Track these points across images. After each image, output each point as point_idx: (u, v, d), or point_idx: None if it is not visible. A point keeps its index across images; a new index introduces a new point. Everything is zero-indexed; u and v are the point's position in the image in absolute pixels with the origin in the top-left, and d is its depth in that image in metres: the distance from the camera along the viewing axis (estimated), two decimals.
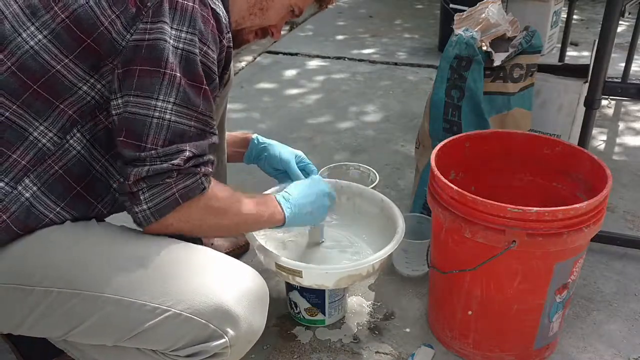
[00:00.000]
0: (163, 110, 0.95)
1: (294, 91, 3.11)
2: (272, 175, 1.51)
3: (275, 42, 3.64)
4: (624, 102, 2.90)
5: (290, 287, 1.45)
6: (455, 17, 1.75)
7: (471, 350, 1.37)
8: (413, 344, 1.44)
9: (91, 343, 1.05)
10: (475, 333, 1.35)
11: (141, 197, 0.97)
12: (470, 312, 1.32)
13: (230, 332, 0.99)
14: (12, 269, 0.98)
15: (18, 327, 1.02)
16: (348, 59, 3.62)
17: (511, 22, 1.73)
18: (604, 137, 2.56)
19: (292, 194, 1.26)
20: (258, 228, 1.27)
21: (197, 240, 1.63)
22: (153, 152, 0.96)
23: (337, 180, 1.60)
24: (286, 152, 1.47)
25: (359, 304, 1.57)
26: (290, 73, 3.37)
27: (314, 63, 3.55)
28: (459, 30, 1.64)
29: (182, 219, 1.03)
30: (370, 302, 1.58)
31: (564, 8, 2.77)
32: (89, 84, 0.98)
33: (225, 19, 1.03)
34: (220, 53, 1.03)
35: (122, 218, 1.09)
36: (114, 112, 0.98)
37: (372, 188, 1.71)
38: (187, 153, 0.98)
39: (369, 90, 3.12)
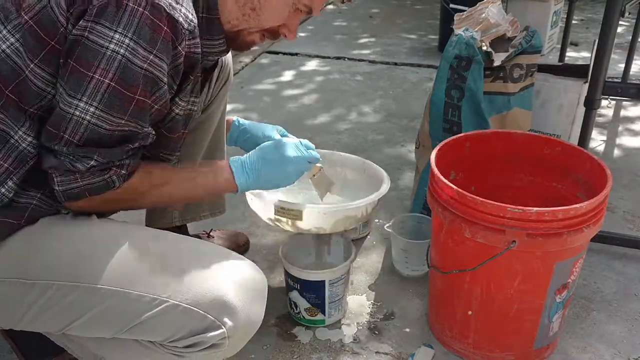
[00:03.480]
0: (84, 111, 0.95)
1: (293, 91, 3.11)
2: None
3: (275, 42, 3.64)
4: (623, 103, 2.90)
5: (290, 287, 1.45)
6: (455, 17, 1.76)
7: (471, 350, 1.37)
8: (413, 344, 1.44)
9: (90, 336, 1.06)
10: (475, 333, 1.35)
11: (54, 179, 0.99)
12: (470, 312, 1.32)
13: (229, 322, 0.99)
14: (13, 263, 0.99)
15: (19, 321, 1.03)
16: (348, 59, 3.62)
17: (511, 22, 1.73)
18: (604, 137, 2.56)
19: (252, 160, 1.20)
20: (206, 197, 1.24)
21: (196, 237, 1.64)
22: (64, 148, 0.96)
23: (320, 150, 1.60)
24: (268, 129, 1.46)
25: (359, 304, 1.57)
26: (290, 73, 3.37)
27: (313, 63, 3.55)
28: (459, 30, 1.64)
29: (94, 204, 1.03)
30: (370, 302, 1.58)
31: (564, 8, 2.77)
32: (56, 88, 0.98)
33: (189, 24, 0.99)
34: (174, 60, 0.99)
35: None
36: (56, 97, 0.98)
37: None
38: (92, 162, 0.98)
39: (368, 90, 3.12)
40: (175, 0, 0.96)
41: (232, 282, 1.02)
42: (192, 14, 1.00)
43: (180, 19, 0.97)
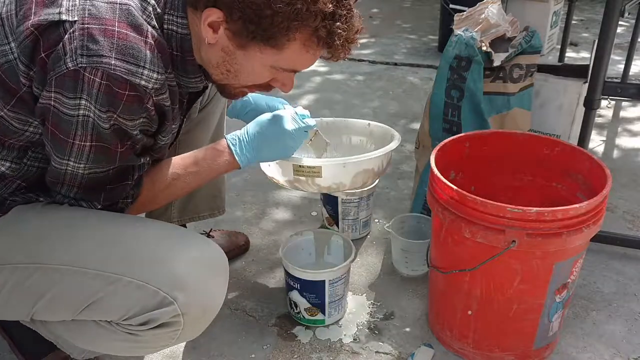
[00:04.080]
0: (76, 167, 1.00)
1: (293, 91, 3.08)
2: None
3: None
4: (623, 103, 2.90)
5: (290, 287, 1.45)
6: (455, 17, 1.76)
7: (471, 350, 1.37)
8: (413, 343, 1.44)
9: (53, 319, 1.08)
10: (475, 333, 1.35)
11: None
12: (470, 312, 1.32)
13: (180, 298, 0.98)
14: None
15: None
16: (348, 59, 3.61)
17: (511, 22, 1.73)
18: (604, 137, 2.56)
19: (249, 137, 1.20)
20: (207, 181, 1.24)
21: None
22: (70, 193, 1.04)
23: (322, 118, 1.61)
24: (272, 100, 1.44)
25: (359, 304, 1.57)
26: None
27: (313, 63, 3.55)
28: (459, 31, 1.64)
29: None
30: (370, 302, 1.58)
31: (563, 8, 2.77)
32: (33, 125, 1.01)
33: (153, 84, 0.96)
34: (145, 113, 0.99)
35: None
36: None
37: (371, 187, 1.71)
38: (98, 205, 1.07)
39: (368, 90, 3.12)
40: (135, 65, 0.93)
41: (187, 258, 1.02)
42: (157, 72, 0.96)
43: (143, 82, 0.94)
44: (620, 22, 1.67)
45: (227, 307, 1.54)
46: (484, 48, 1.60)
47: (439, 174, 1.26)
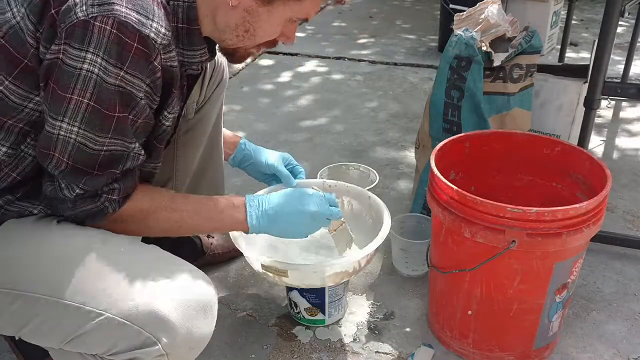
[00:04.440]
0: (69, 131, 0.96)
1: (293, 91, 3.11)
2: (261, 180, 1.52)
3: None
4: (623, 103, 2.90)
5: (290, 287, 1.45)
6: (455, 17, 1.76)
7: (471, 350, 1.37)
8: (413, 343, 1.44)
9: (40, 345, 1.05)
10: (475, 333, 1.35)
11: (58, 207, 1.04)
12: (470, 312, 1.32)
13: (164, 339, 0.96)
14: None
15: None
16: (348, 59, 3.62)
17: (511, 22, 1.73)
18: (604, 137, 2.56)
19: (270, 204, 1.20)
20: (214, 231, 1.23)
21: (197, 237, 1.64)
22: (56, 171, 0.99)
23: (325, 180, 1.59)
24: (272, 157, 1.47)
25: (359, 304, 1.57)
26: (289, 73, 3.37)
27: (313, 63, 3.55)
28: (458, 31, 1.64)
29: (104, 227, 1.06)
30: (370, 302, 1.58)
31: (563, 8, 2.77)
32: (34, 102, 0.99)
33: (162, 39, 0.97)
34: (151, 74, 0.98)
35: None
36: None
37: (371, 188, 1.71)
38: (78, 190, 1.00)
39: (368, 90, 3.12)
40: (145, 16, 0.94)
41: (172, 297, 0.98)
42: (165, 28, 0.97)
43: (152, 35, 0.95)
44: (620, 22, 1.67)
45: (227, 307, 1.54)
46: (484, 48, 1.60)
47: (439, 174, 1.26)
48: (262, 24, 1.09)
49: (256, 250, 1.40)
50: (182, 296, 0.99)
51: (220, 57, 1.42)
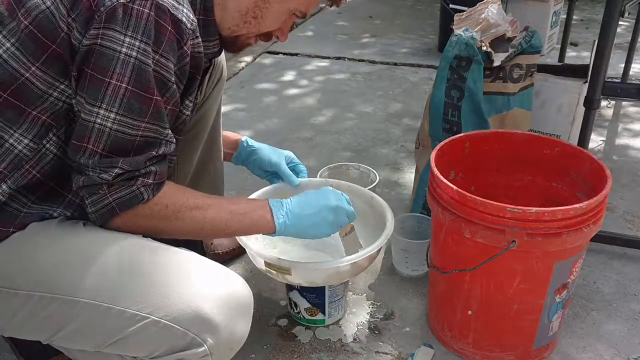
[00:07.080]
0: (105, 118, 0.95)
1: (294, 91, 3.11)
2: (263, 177, 1.52)
3: (276, 42, 3.64)
4: (623, 103, 2.90)
5: (290, 287, 1.45)
6: (455, 17, 1.76)
7: (471, 350, 1.37)
8: (413, 343, 1.44)
9: (75, 348, 1.05)
10: (475, 333, 1.35)
11: (86, 202, 1.01)
12: (470, 312, 1.32)
13: (210, 340, 0.97)
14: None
15: (6, 329, 1.03)
16: (348, 59, 3.62)
17: (511, 22, 1.73)
18: (604, 138, 2.56)
19: (293, 203, 1.21)
20: (239, 233, 1.22)
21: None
22: (90, 161, 0.97)
23: (327, 179, 1.60)
24: (275, 155, 1.47)
25: (359, 304, 1.57)
26: (290, 73, 3.37)
27: (314, 63, 3.55)
28: (458, 31, 1.64)
29: (128, 224, 1.03)
30: (370, 302, 1.58)
31: (563, 8, 2.77)
32: (59, 90, 0.98)
33: (191, 24, 1.00)
34: (180, 60, 1.00)
35: None
36: (76, 109, 0.99)
37: (372, 188, 1.71)
38: (117, 170, 0.98)
39: (369, 90, 3.12)
40: (177, 1, 0.98)
41: (215, 298, 0.99)
42: (192, 14, 1.02)
43: (184, 19, 0.98)
44: (620, 22, 1.67)
45: None
46: (484, 48, 1.60)
47: (439, 174, 1.26)
48: (270, 12, 1.12)
49: (259, 248, 1.41)
50: (223, 296, 1.00)
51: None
